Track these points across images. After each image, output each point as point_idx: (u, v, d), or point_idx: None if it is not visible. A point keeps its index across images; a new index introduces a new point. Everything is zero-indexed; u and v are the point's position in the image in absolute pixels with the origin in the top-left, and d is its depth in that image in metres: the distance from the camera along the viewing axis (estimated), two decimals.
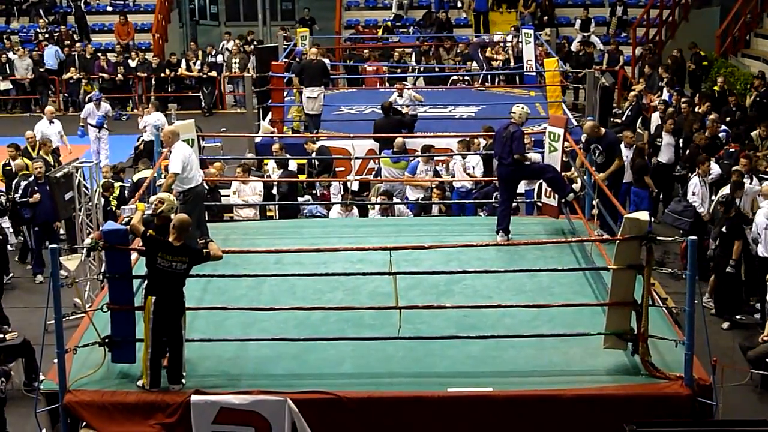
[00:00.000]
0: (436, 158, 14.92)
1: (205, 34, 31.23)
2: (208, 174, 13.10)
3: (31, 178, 14.07)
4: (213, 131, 19.37)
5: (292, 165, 15.46)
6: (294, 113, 18.28)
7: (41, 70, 24.89)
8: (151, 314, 8.01)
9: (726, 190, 13.19)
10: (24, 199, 13.94)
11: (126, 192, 14.60)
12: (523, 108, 11.25)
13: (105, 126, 18.83)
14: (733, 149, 15.39)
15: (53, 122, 17.79)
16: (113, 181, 14.99)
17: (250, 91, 18.22)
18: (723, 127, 16.70)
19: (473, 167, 14.70)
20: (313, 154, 15.45)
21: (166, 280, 8.04)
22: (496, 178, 13.57)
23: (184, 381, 8.13)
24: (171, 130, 10.82)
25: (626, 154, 15.03)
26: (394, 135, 15.43)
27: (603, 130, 12.42)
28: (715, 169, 14.47)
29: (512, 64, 21.90)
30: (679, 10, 26.13)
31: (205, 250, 8.39)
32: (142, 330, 8.15)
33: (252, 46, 25.37)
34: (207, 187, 11.71)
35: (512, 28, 23.55)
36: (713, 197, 13.70)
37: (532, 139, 13.98)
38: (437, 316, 9.04)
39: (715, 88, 19.80)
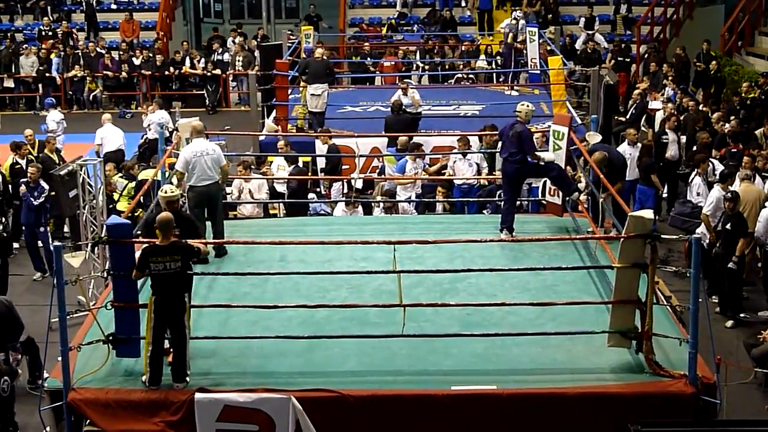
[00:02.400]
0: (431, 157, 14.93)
1: (209, 31, 31.24)
2: None
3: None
4: (217, 129, 19.34)
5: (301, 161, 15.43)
6: (298, 111, 18.24)
7: (41, 68, 24.85)
8: (152, 313, 8.05)
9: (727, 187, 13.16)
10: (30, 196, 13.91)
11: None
12: (528, 106, 11.27)
13: (49, 131, 18.36)
14: (735, 149, 15.32)
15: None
16: (121, 180, 14.96)
17: (254, 89, 18.20)
18: (727, 126, 16.66)
19: (477, 164, 14.69)
20: (326, 149, 15.43)
21: (163, 281, 8.05)
22: (497, 176, 13.61)
23: (188, 379, 8.13)
24: (192, 126, 11.00)
25: (630, 152, 15.05)
26: (405, 134, 15.41)
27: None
28: (718, 167, 14.40)
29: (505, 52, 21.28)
30: (684, 8, 26.07)
31: (191, 242, 8.36)
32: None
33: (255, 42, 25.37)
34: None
35: (512, 13, 22.80)
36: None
37: (546, 137, 13.91)
38: (441, 314, 9.03)
39: (740, 90, 19.56)
